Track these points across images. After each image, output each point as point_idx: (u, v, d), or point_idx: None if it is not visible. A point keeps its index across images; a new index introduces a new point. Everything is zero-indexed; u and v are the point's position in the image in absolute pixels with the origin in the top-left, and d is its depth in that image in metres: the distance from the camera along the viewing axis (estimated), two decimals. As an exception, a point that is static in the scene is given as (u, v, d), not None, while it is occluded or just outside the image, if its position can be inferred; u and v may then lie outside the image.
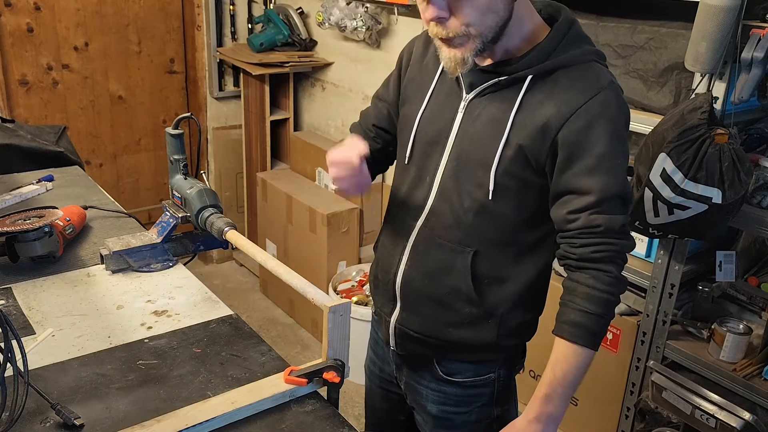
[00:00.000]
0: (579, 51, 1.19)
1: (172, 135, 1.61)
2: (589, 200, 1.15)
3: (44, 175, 2.09)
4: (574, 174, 1.16)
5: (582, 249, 1.18)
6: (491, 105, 1.22)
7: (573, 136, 1.15)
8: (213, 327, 1.39)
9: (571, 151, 1.15)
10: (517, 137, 1.19)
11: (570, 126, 1.15)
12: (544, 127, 1.17)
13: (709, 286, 2.00)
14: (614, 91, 1.17)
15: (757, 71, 1.67)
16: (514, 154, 1.19)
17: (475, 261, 1.27)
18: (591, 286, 1.17)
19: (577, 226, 1.17)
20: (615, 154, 1.16)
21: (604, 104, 1.15)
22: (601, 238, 1.16)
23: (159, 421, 1.06)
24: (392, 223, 1.41)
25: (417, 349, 1.38)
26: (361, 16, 2.99)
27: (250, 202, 3.87)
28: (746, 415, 1.80)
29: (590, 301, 1.17)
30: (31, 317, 1.37)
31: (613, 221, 1.16)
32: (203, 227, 1.53)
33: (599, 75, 1.18)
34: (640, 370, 2.10)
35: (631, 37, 2.00)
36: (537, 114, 1.17)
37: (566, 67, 1.18)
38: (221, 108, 3.84)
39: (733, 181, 1.66)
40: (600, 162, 1.15)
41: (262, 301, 3.65)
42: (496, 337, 1.31)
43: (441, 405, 1.40)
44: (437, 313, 1.32)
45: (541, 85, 1.19)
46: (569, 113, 1.15)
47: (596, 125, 1.14)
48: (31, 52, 3.32)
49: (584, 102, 1.15)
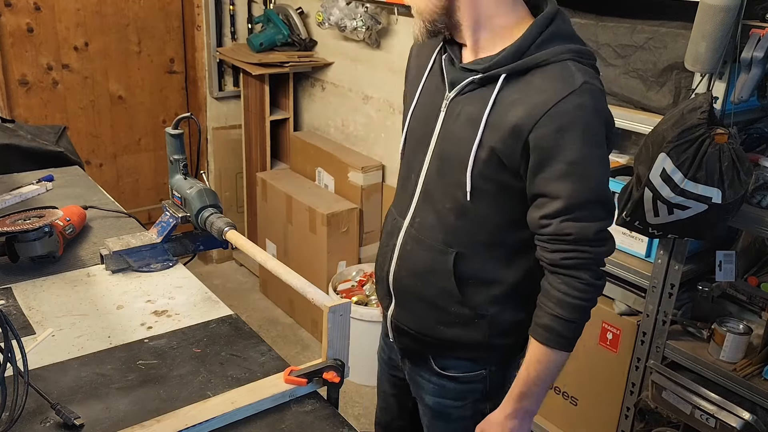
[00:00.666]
0: (555, 49, 1.15)
1: (172, 135, 1.61)
2: (559, 206, 1.14)
3: (44, 175, 2.09)
4: (545, 178, 1.14)
5: (553, 255, 1.17)
6: (469, 104, 1.22)
7: (543, 141, 1.12)
8: (213, 327, 1.39)
9: (542, 156, 1.13)
10: (490, 139, 1.18)
11: (540, 129, 1.12)
12: (514, 130, 1.15)
13: (709, 286, 2.00)
14: (588, 92, 1.12)
15: (757, 71, 1.67)
16: (488, 156, 1.19)
17: (458, 262, 1.27)
18: (563, 292, 1.17)
19: (548, 232, 1.16)
20: (588, 160, 1.12)
21: (577, 107, 1.11)
22: (572, 245, 1.15)
23: (159, 421, 1.06)
24: (388, 219, 1.44)
25: (412, 344, 1.40)
26: (361, 16, 2.99)
27: (250, 202, 3.87)
28: (746, 415, 1.80)
29: (562, 306, 1.17)
30: (31, 317, 1.37)
31: (585, 229, 1.14)
32: (203, 227, 1.53)
33: (573, 75, 1.13)
34: (639, 370, 2.10)
35: (631, 36, 2.00)
36: (509, 115, 1.15)
37: (541, 66, 1.15)
38: (221, 108, 3.84)
39: (733, 181, 1.66)
40: (571, 168, 1.12)
41: (262, 301, 3.65)
42: (487, 337, 1.32)
43: (438, 398, 1.42)
44: (428, 312, 1.34)
45: (516, 84, 1.17)
46: (539, 116, 1.12)
47: (568, 129, 1.11)
48: (31, 52, 3.32)
49: (554, 104, 1.11)
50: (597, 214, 1.15)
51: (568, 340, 1.20)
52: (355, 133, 3.41)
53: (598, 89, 1.15)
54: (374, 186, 3.20)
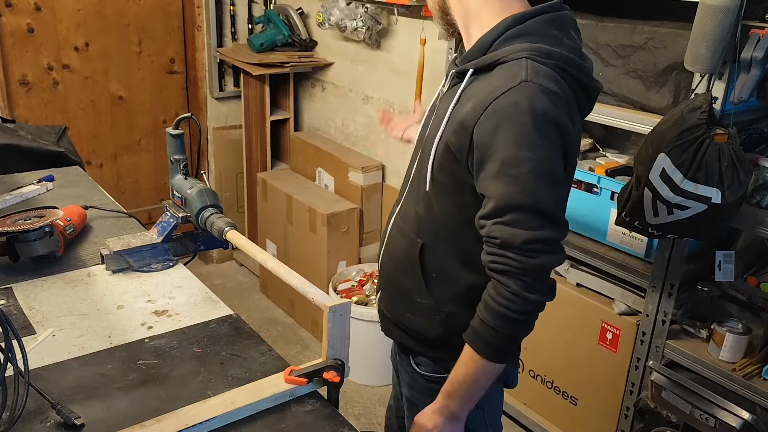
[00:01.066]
0: (513, 47, 1.12)
1: (173, 135, 1.61)
2: (491, 207, 1.11)
3: (45, 175, 2.10)
4: (483, 177, 1.12)
5: (485, 257, 1.15)
6: (447, 99, 1.25)
7: (482, 138, 1.11)
8: (213, 327, 1.39)
9: (481, 153, 1.12)
10: (447, 132, 1.20)
11: (480, 126, 1.11)
12: (462, 124, 1.15)
13: (709, 286, 2.00)
14: (527, 90, 1.07)
15: (757, 71, 1.67)
16: (444, 149, 1.21)
17: (423, 253, 1.30)
18: (490, 296, 1.14)
19: (483, 233, 1.14)
20: (519, 162, 1.07)
21: (511, 104, 1.07)
22: (498, 249, 1.11)
23: (159, 420, 1.06)
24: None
25: (391, 331, 1.45)
26: (361, 17, 2.99)
27: (250, 202, 3.87)
28: (746, 415, 1.80)
29: (487, 310, 1.15)
30: (32, 317, 1.37)
31: (512, 235, 1.09)
32: (203, 227, 1.54)
33: (518, 73, 1.09)
34: (639, 369, 2.10)
35: (631, 37, 2.00)
36: (461, 110, 1.16)
37: (502, 62, 1.13)
38: (221, 108, 3.84)
39: (733, 181, 1.66)
40: (503, 168, 1.08)
41: (262, 301, 3.66)
42: (443, 333, 1.32)
43: (413, 391, 1.45)
44: (400, 298, 1.38)
45: (479, 81, 1.17)
46: (480, 112, 1.11)
47: (501, 127, 1.08)
48: (31, 53, 3.32)
49: (492, 101, 1.09)
50: (530, 222, 1.08)
51: (491, 348, 1.15)
52: (355, 133, 3.41)
53: (546, 89, 1.08)
54: (374, 186, 3.21)
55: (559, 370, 2.41)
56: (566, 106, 1.13)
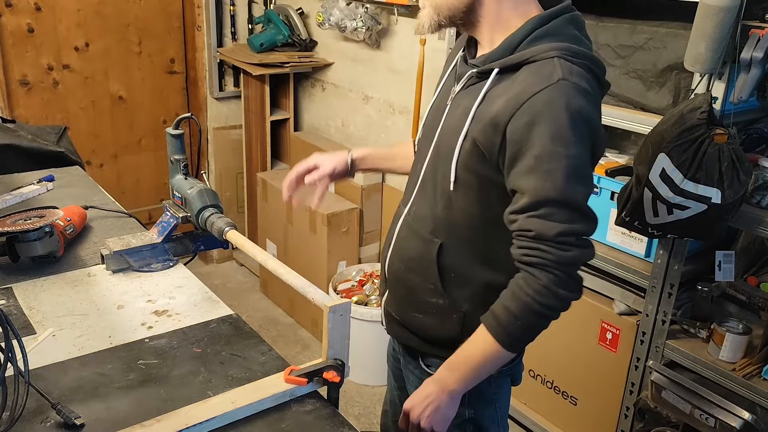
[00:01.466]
0: (543, 46, 1.15)
1: (173, 135, 1.61)
2: (525, 202, 1.12)
3: (45, 175, 2.10)
4: (516, 173, 1.14)
5: (517, 251, 1.16)
6: (465, 98, 1.25)
7: (516, 134, 1.12)
8: (213, 327, 1.39)
9: (514, 149, 1.13)
10: (474, 130, 1.19)
11: (514, 122, 1.12)
12: (493, 122, 1.16)
13: (709, 286, 2.00)
14: (564, 88, 1.10)
15: (757, 71, 1.67)
16: (471, 147, 1.20)
17: (441, 253, 1.29)
18: (519, 286, 1.15)
19: (515, 228, 1.15)
20: (554, 157, 1.09)
21: (548, 102, 1.10)
22: (532, 242, 1.13)
23: (159, 420, 1.06)
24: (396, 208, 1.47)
25: (398, 332, 1.44)
26: (361, 17, 2.99)
27: (251, 202, 3.87)
28: (746, 415, 1.80)
29: (514, 298, 1.15)
30: (32, 317, 1.37)
31: (546, 228, 1.11)
32: (203, 227, 1.54)
33: (554, 71, 1.12)
34: (639, 369, 2.10)
35: (631, 37, 2.00)
36: (491, 108, 1.17)
37: (530, 62, 1.15)
38: (221, 108, 3.84)
39: (733, 181, 1.66)
40: (537, 163, 1.10)
41: (262, 301, 3.66)
42: (458, 333, 1.32)
43: None
44: (409, 298, 1.37)
45: (505, 80, 1.18)
46: (515, 109, 1.12)
47: (537, 123, 1.10)
48: (31, 53, 3.32)
49: (528, 98, 1.11)
50: (561, 216, 1.11)
51: (509, 336, 1.16)
52: (355, 134, 3.41)
53: (580, 88, 1.11)
54: (374, 186, 3.21)
55: (559, 370, 2.41)
56: (596, 104, 1.16)
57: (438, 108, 1.35)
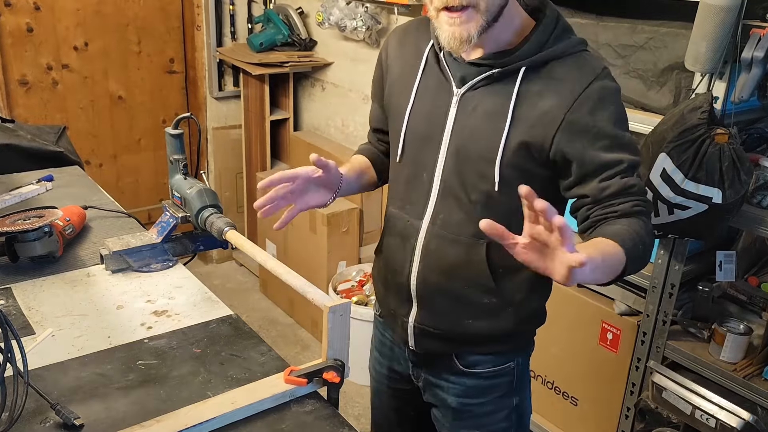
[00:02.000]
0: (569, 42, 1.23)
1: (172, 135, 1.61)
2: (615, 170, 1.19)
3: (44, 175, 2.09)
4: (593, 155, 1.19)
5: (623, 206, 1.19)
6: (487, 98, 1.23)
7: (580, 123, 1.18)
8: (213, 327, 1.39)
9: (582, 137, 1.18)
10: (519, 131, 1.20)
11: (575, 113, 1.18)
12: (546, 118, 1.19)
13: (709, 286, 2.00)
14: (607, 77, 1.22)
15: (757, 71, 1.67)
16: (518, 147, 1.21)
17: (490, 252, 1.28)
18: (646, 232, 1.19)
19: (613, 190, 1.19)
20: (623, 133, 1.21)
21: (604, 88, 1.20)
22: (637, 196, 1.20)
23: (159, 421, 1.06)
24: (394, 223, 1.40)
25: (436, 345, 1.39)
26: (361, 16, 2.99)
27: (250, 202, 3.87)
28: (746, 415, 1.79)
29: (645, 235, 1.18)
30: (31, 317, 1.37)
31: (641, 184, 1.22)
32: (203, 227, 1.53)
33: (593, 63, 1.23)
34: (640, 370, 2.10)
35: (631, 36, 2.00)
36: (538, 106, 1.20)
37: (558, 58, 1.22)
38: (221, 108, 3.84)
39: (733, 181, 1.66)
40: (614, 141, 1.19)
41: (262, 301, 3.65)
42: (513, 324, 1.33)
43: (461, 397, 1.41)
44: (455, 307, 1.34)
45: (535, 77, 1.21)
46: (571, 102, 1.18)
47: (602, 106, 1.19)
48: (30, 52, 3.32)
49: (584, 88, 1.18)
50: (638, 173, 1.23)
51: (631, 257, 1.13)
52: (355, 133, 3.41)
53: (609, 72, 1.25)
54: (374, 186, 3.20)
55: (560, 371, 2.41)
56: None
57: (431, 112, 1.29)
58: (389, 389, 1.57)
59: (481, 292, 1.31)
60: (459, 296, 1.33)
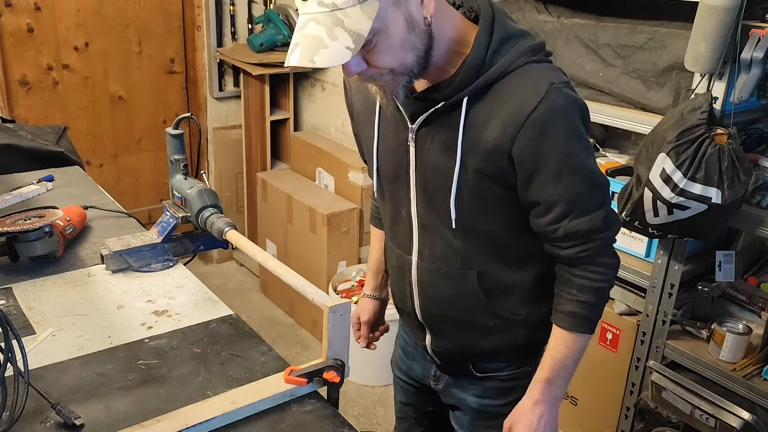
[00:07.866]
0: (509, 57, 1.11)
1: (172, 135, 1.61)
2: (561, 209, 1.14)
3: (44, 175, 2.10)
4: (539, 186, 1.14)
5: (569, 251, 1.19)
6: (440, 130, 1.18)
7: (527, 151, 1.11)
8: (213, 327, 1.39)
9: (530, 166, 1.12)
10: (472, 162, 1.15)
11: (520, 141, 1.10)
12: (494, 150, 1.13)
13: (709, 286, 2.00)
14: (557, 91, 1.09)
15: (757, 71, 1.67)
16: (475, 177, 1.17)
17: (481, 279, 1.27)
18: (585, 278, 1.20)
19: (559, 235, 1.17)
20: (574, 154, 1.12)
21: (550, 110, 1.09)
22: (585, 239, 1.17)
23: (159, 421, 1.06)
24: (391, 256, 1.42)
25: (456, 361, 1.42)
26: (361, 17, 2.98)
27: (250, 202, 3.87)
28: (746, 415, 1.80)
29: (585, 291, 1.20)
30: (32, 317, 1.37)
31: (592, 220, 1.16)
32: (203, 227, 1.54)
33: (537, 80, 1.10)
34: (639, 370, 2.10)
35: (631, 37, 2.00)
36: (485, 136, 1.13)
37: (501, 79, 1.11)
38: (221, 108, 3.84)
39: (733, 181, 1.66)
40: (562, 167, 1.12)
41: (262, 301, 3.65)
42: (525, 337, 1.34)
43: (481, 399, 1.42)
44: (465, 331, 1.35)
45: (480, 104, 1.13)
46: (516, 131, 1.10)
47: (548, 133, 1.09)
48: (31, 52, 3.32)
49: (527, 116, 1.09)
50: (596, 201, 1.16)
51: (592, 323, 1.23)
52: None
53: (563, 82, 1.11)
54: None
55: (559, 370, 2.41)
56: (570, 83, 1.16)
57: (394, 149, 1.26)
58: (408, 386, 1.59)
59: (485, 316, 1.31)
60: (464, 323, 1.33)
